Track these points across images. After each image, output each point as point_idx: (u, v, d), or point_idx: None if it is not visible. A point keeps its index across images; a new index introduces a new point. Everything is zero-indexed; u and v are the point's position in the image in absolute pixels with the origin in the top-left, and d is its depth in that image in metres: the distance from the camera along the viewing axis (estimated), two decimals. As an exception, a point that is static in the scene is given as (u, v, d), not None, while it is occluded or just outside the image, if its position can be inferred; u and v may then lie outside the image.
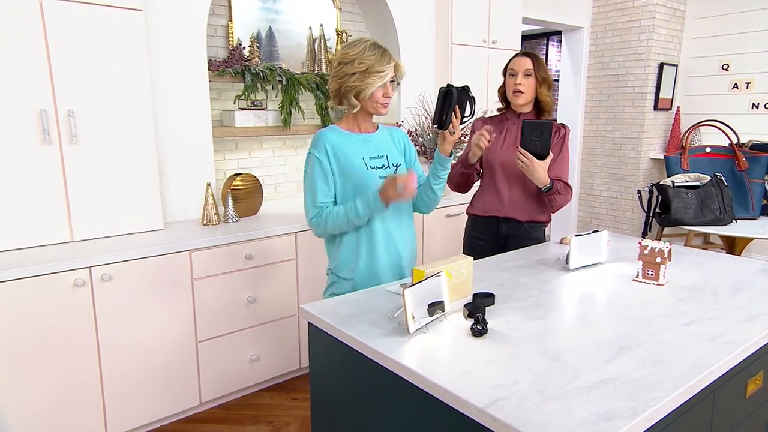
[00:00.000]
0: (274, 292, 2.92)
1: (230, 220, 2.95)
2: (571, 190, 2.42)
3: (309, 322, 1.67)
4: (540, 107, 2.43)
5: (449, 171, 2.05)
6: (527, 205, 2.42)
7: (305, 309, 1.69)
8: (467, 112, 1.96)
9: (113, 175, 2.59)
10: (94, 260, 2.33)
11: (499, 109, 2.59)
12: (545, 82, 2.37)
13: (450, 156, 2.00)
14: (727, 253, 3.51)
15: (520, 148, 2.24)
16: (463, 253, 2.63)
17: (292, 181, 3.69)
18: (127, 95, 2.58)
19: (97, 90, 2.49)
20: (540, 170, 2.24)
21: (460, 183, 2.48)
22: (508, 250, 2.44)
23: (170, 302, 2.58)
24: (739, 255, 3.42)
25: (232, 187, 3.02)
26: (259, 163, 3.50)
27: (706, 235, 4.67)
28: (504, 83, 2.46)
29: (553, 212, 2.48)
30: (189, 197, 3.00)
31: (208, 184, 2.88)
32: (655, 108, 5.39)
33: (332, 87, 1.96)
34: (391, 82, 1.92)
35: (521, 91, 2.35)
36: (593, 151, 5.76)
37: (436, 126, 1.93)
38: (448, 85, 1.90)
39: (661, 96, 5.38)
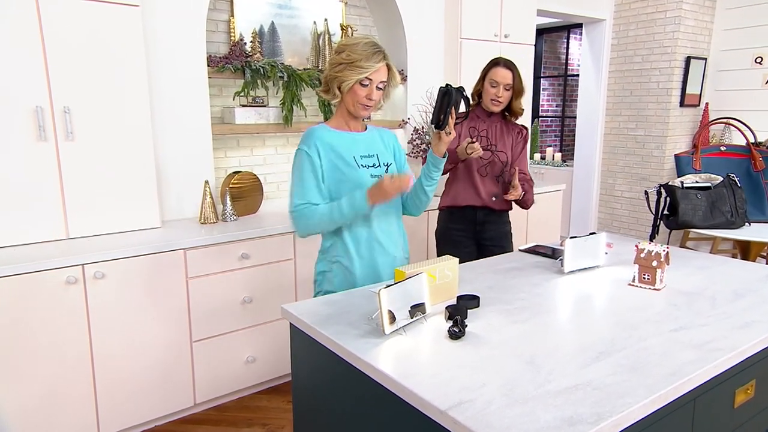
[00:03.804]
0: (271, 292, 2.88)
1: (228, 219, 2.92)
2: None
3: (290, 323, 1.67)
4: (511, 111, 2.65)
5: (441, 172, 2.01)
6: (500, 195, 2.64)
7: (286, 309, 1.69)
8: (461, 111, 1.97)
9: (109, 173, 2.59)
10: (86, 258, 2.33)
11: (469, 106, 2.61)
12: (520, 93, 2.60)
13: (444, 157, 1.96)
14: (741, 258, 3.32)
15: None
16: (442, 246, 2.77)
17: (296, 179, 3.64)
18: (124, 92, 2.57)
19: (93, 86, 2.49)
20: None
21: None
22: (486, 236, 2.68)
23: (164, 301, 2.56)
24: (755, 260, 3.23)
25: (230, 186, 2.99)
26: (261, 161, 3.47)
27: (735, 242, 4.45)
28: (482, 86, 2.62)
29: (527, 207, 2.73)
30: (187, 195, 2.98)
31: (206, 182, 2.86)
32: (682, 104, 5.19)
33: (324, 74, 1.94)
34: (379, 88, 1.88)
35: (500, 102, 2.58)
36: (615, 149, 5.58)
37: (434, 126, 1.90)
38: (447, 85, 1.87)
39: (687, 91, 5.17)
